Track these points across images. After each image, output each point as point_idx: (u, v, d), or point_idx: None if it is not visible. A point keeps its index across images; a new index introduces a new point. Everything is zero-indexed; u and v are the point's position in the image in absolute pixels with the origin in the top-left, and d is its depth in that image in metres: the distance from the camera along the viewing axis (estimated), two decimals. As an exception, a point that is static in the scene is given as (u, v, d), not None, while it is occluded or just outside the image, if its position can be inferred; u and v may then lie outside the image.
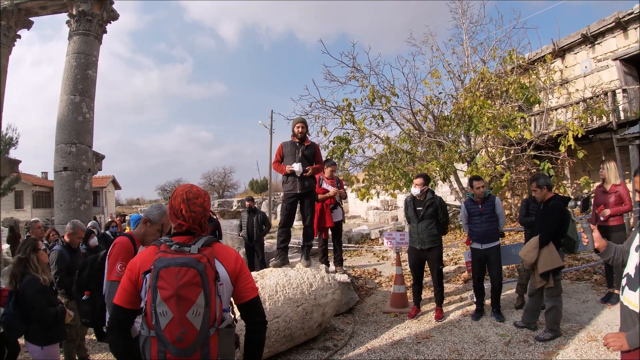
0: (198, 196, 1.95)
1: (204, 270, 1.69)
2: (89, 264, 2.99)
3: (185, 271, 1.67)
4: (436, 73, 10.04)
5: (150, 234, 2.86)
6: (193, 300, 1.65)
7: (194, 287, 1.66)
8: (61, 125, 9.48)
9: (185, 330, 1.65)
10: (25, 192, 31.71)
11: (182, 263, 1.69)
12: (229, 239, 10.57)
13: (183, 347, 1.66)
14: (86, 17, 9.90)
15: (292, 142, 5.50)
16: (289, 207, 5.48)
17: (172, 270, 1.69)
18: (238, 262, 1.90)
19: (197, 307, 1.66)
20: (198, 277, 1.67)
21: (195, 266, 1.68)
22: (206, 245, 1.82)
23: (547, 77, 11.67)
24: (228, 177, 52.93)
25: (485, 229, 5.34)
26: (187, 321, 1.65)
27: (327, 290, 4.97)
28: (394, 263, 7.17)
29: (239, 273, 1.88)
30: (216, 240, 1.94)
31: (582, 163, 11.00)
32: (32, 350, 3.60)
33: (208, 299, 1.68)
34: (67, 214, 8.98)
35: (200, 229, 1.92)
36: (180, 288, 1.66)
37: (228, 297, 1.88)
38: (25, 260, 3.64)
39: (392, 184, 8.94)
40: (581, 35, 13.59)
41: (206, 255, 1.75)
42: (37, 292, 3.53)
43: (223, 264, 1.84)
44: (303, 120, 5.62)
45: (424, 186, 5.43)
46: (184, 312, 1.65)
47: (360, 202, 12.73)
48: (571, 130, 8.69)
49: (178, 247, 1.79)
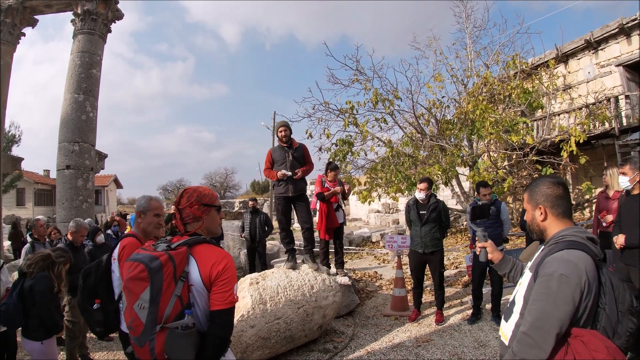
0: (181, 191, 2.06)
1: (156, 268, 1.70)
2: (93, 270, 2.88)
3: (135, 266, 1.73)
4: (439, 77, 10.05)
5: (147, 224, 2.89)
6: (138, 293, 1.70)
7: (140, 281, 1.70)
8: (64, 124, 9.52)
9: (133, 320, 1.72)
10: (27, 189, 31.82)
11: (137, 259, 1.75)
12: (230, 239, 10.55)
13: (134, 336, 1.74)
14: (91, 16, 9.94)
15: (280, 146, 5.47)
16: (283, 209, 5.47)
17: (127, 264, 1.79)
18: (216, 268, 1.80)
19: (141, 300, 1.69)
20: (145, 272, 1.69)
21: (147, 262, 1.71)
22: (185, 244, 1.83)
23: (550, 82, 11.66)
24: (230, 178, 52.98)
25: (490, 233, 5.34)
26: (134, 312, 1.71)
27: (328, 292, 4.98)
28: (394, 266, 7.17)
29: (215, 279, 1.80)
30: (207, 241, 1.92)
31: (584, 169, 10.99)
32: (31, 348, 3.55)
33: (155, 295, 1.68)
34: (69, 212, 9.01)
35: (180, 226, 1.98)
36: (128, 281, 1.74)
37: (203, 301, 1.81)
38: (52, 263, 3.64)
39: (394, 187, 8.95)
40: (584, 40, 13.60)
41: (172, 254, 1.75)
42: (47, 290, 3.52)
43: (198, 266, 1.81)
44: (285, 124, 5.51)
45: (428, 190, 5.46)
46: (132, 304, 1.72)
47: (362, 204, 12.71)
48: (573, 135, 8.70)
49: (159, 244, 1.85)
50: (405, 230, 12.06)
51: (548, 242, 1.70)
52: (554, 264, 1.54)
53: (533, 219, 1.81)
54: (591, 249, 1.56)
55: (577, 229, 1.67)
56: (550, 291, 1.49)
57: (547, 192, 1.77)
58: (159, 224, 2.95)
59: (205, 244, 1.90)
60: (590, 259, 1.53)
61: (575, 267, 1.48)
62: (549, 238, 1.72)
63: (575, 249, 1.55)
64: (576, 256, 1.52)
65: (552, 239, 1.68)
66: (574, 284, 1.46)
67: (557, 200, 1.74)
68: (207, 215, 2.02)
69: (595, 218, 5.68)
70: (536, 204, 1.79)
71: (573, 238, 1.60)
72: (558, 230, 1.70)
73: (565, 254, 1.54)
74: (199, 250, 1.86)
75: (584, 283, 1.46)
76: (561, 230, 1.69)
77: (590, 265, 1.51)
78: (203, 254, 1.84)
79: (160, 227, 2.97)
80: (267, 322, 4.40)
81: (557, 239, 1.65)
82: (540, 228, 1.78)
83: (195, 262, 1.82)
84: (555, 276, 1.49)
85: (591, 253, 1.55)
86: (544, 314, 1.48)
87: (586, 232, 1.65)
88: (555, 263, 1.54)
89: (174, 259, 1.74)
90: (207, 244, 1.91)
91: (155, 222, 2.93)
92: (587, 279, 1.47)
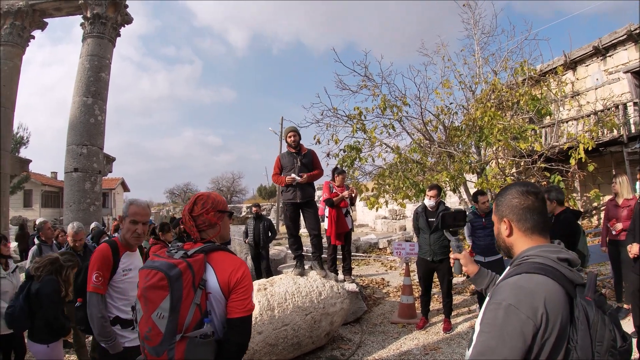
0: (194, 198, 2.00)
1: (176, 276, 1.67)
2: (84, 270, 2.95)
3: (153, 274, 1.69)
4: (447, 83, 10.02)
5: (125, 231, 2.79)
6: (157, 302, 1.67)
7: (159, 290, 1.67)
8: (73, 127, 9.57)
9: (150, 330, 1.68)
10: (35, 191, 32.01)
11: (155, 266, 1.71)
12: (236, 244, 10.56)
13: (151, 346, 1.69)
14: (100, 20, 10.01)
15: (289, 152, 5.45)
16: (291, 215, 5.46)
17: (144, 272, 1.75)
18: (235, 275, 1.79)
19: (161, 310, 1.66)
20: (165, 280, 1.66)
21: (166, 270, 1.67)
22: (201, 251, 1.80)
23: (558, 89, 11.60)
24: (236, 183, 53.03)
25: (489, 242, 5.33)
26: (151, 322, 1.67)
27: (336, 299, 4.97)
28: (401, 273, 7.15)
29: (234, 287, 1.78)
30: (222, 249, 1.90)
31: (592, 176, 10.91)
32: (37, 350, 3.54)
33: (175, 304, 1.65)
34: (77, 215, 9.05)
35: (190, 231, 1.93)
36: (146, 289, 1.70)
37: (221, 309, 1.80)
38: (60, 267, 3.64)
39: (402, 193, 8.93)
40: (593, 47, 13.55)
41: (190, 261, 1.73)
42: (54, 292, 3.52)
43: (216, 273, 1.79)
44: (294, 129, 5.50)
45: (437, 197, 5.44)
46: (150, 313, 1.68)
47: (369, 210, 12.69)
48: (582, 143, 8.63)
49: (174, 251, 1.81)
50: (413, 237, 12.02)
51: (512, 262, 1.45)
52: (505, 290, 1.29)
53: (498, 233, 1.57)
54: (561, 274, 1.28)
55: (547, 247, 1.39)
56: (496, 322, 1.24)
57: (512, 202, 1.50)
58: (137, 234, 2.78)
59: (220, 251, 1.88)
60: (558, 286, 1.26)
61: (528, 297, 1.22)
62: (514, 257, 1.46)
63: (536, 273, 1.29)
64: (535, 282, 1.26)
65: (516, 259, 1.43)
66: (524, 317, 1.19)
67: (525, 212, 1.47)
68: (222, 221, 2.01)
69: (604, 226, 5.66)
70: (501, 217, 1.55)
71: (538, 259, 1.34)
72: (524, 249, 1.43)
73: (520, 280, 1.29)
74: (215, 257, 1.84)
75: (541, 317, 1.19)
76: (528, 248, 1.42)
77: (555, 294, 1.24)
78: (220, 262, 1.83)
79: (139, 237, 2.80)
80: (275, 328, 4.39)
81: (520, 259, 1.39)
82: (506, 244, 1.53)
83: (212, 269, 1.80)
84: (503, 306, 1.24)
85: (560, 279, 1.27)
86: (488, 349, 1.24)
87: (560, 252, 1.36)
88: (506, 290, 1.29)
89: (193, 266, 1.72)
90: (223, 251, 1.89)
91: (132, 230, 2.77)
92: (545, 312, 1.20)
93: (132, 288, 2.68)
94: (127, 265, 2.76)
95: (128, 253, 2.81)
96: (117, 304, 2.70)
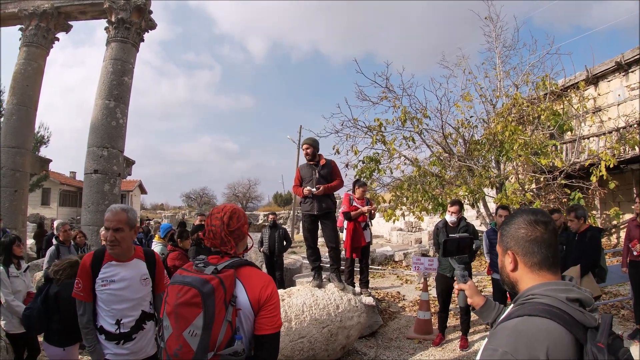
0: (221, 210, 1.91)
1: (209, 292, 1.63)
2: None
3: (186, 290, 1.64)
4: (468, 96, 9.98)
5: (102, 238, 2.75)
6: (190, 320, 1.62)
7: (192, 307, 1.62)
8: (94, 129, 9.67)
9: (181, 348, 1.62)
10: (53, 189, 32.45)
11: (187, 282, 1.67)
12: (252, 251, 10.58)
13: None
14: (124, 24, 10.13)
15: (308, 164, 5.42)
16: (309, 226, 5.42)
17: (175, 288, 1.69)
18: (265, 291, 1.77)
19: (194, 327, 1.61)
20: (198, 297, 1.61)
21: (199, 287, 1.63)
22: (231, 267, 1.76)
23: (580, 104, 11.48)
24: (252, 189, 53.30)
25: None
26: (182, 339, 1.62)
27: (354, 312, 4.92)
28: (417, 287, 7.08)
29: (264, 303, 1.76)
30: (249, 264, 1.87)
31: (613, 194, 10.76)
32: (52, 353, 3.53)
33: (209, 322, 1.61)
34: (95, 216, 9.12)
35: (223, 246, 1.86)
36: (178, 306, 1.64)
37: (249, 325, 1.77)
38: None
39: (420, 206, 8.89)
40: (615, 62, 13.40)
41: (222, 277, 1.69)
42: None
43: (246, 289, 1.75)
44: (309, 142, 5.41)
45: (459, 213, 5.38)
46: (181, 330, 1.63)
47: (385, 222, 12.62)
48: (604, 160, 8.51)
49: (202, 266, 1.77)
50: (429, 250, 11.92)
51: (515, 301, 1.29)
52: (502, 335, 1.14)
53: (502, 267, 1.39)
54: (570, 317, 1.11)
55: (556, 286, 1.20)
56: None
57: (519, 233, 1.32)
58: (109, 242, 2.60)
59: (248, 266, 1.85)
60: (565, 332, 1.08)
61: (528, 345, 1.06)
62: (518, 295, 1.29)
63: (540, 316, 1.11)
64: (537, 327, 1.09)
65: (520, 297, 1.26)
66: None
67: (533, 245, 1.28)
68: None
69: (625, 246, 5.55)
70: (505, 248, 1.37)
71: (544, 300, 1.16)
72: (530, 286, 1.26)
73: (520, 323, 1.13)
74: (243, 273, 1.80)
75: None
76: (534, 286, 1.24)
77: (561, 341, 1.07)
78: (248, 277, 1.80)
79: (112, 244, 2.60)
80: (291, 340, 4.37)
81: (524, 298, 1.23)
82: (511, 280, 1.35)
83: (242, 285, 1.76)
84: (498, 352, 1.09)
85: (568, 323, 1.10)
86: None
87: (570, 291, 1.17)
88: (503, 334, 1.14)
89: (224, 282, 1.69)
90: (250, 266, 1.87)
91: (105, 236, 2.63)
92: None
93: (115, 300, 2.61)
94: (110, 276, 2.63)
95: (113, 263, 2.67)
96: (101, 313, 2.65)
